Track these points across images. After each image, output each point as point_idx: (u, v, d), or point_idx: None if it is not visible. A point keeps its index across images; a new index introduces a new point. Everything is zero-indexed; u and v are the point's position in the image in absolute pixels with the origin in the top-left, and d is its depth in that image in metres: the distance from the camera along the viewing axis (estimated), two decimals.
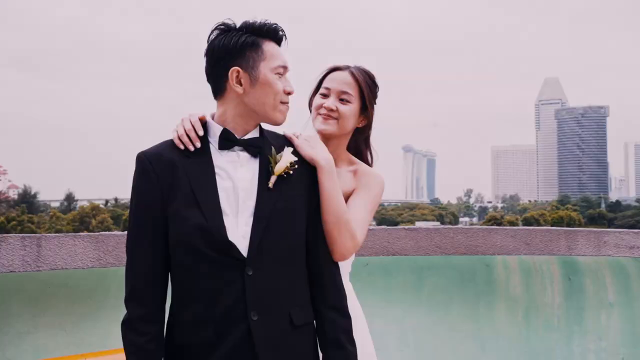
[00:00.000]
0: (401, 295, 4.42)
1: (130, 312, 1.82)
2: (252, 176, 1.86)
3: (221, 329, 1.76)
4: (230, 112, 1.89)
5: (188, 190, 1.79)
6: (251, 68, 1.85)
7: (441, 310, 4.42)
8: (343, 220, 1.94)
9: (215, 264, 1.76)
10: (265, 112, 1.90)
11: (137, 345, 1.80)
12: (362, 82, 2.29)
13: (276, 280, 1.81)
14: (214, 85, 1.92)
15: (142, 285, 1.82)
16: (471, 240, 4.11)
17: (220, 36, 1.87)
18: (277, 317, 1.80)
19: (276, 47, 1.91)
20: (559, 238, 4.05)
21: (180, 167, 1.82)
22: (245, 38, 1.86)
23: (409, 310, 4.43)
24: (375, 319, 4.50)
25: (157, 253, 1.82)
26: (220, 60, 1.86)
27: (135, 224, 1.84)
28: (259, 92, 1.87)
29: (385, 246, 4.17)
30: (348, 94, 2.27)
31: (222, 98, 1.90)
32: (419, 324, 4.42)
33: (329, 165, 1.95)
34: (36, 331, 3.26)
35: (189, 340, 1.79)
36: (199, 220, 1.76)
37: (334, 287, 1.93)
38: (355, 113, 2.30)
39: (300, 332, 1.85)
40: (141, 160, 1.84)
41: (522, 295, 4.35)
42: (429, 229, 4.20)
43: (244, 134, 1.90)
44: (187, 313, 1.80)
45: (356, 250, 2.02)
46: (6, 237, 2.92)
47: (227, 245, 1.76)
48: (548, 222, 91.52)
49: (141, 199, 1.83)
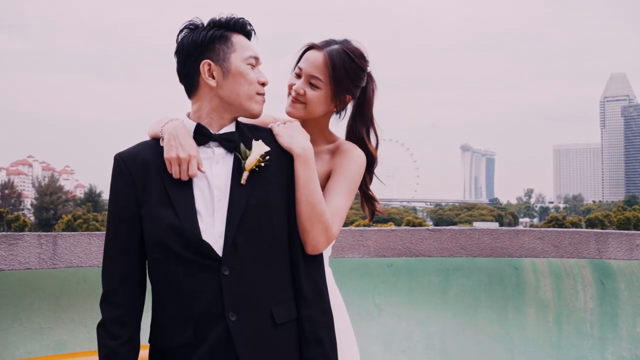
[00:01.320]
0: (426, 297, 4.33)
1: (103, 314, 1.81)
2: (227, 174, 1.82)
3: (200, 330, 1.73)
4: (205, 107, 1.86)
5: (162, 190, 1.78)
6: (222, 60, 1.84)
7: (468, 314, 4.30)
8: (317, 211, 1.86)
9: (190, 265, 1.74)
10: (240, 104, 1.86)
11: (110, 348, 1.76)
12: (338, 66, 2.07)
13: (255, 279, 1.76)
14: (186, 83, 1.89)
15: (115, 286, 1.80)
16: (497, 242, 3.99)
17: (189, 34, 1.87)
18: (257, 316, 1.76)
19: (245, 40, 1.90)
20: (589, 240, 3.87)
21: (156, 167, 1.81)
22: (213, 32, 1.85)
23: (434, 313, 4.33)
24: (400, 321, 4.44)
25: (132, 254, 1.81)
26: (191, 56, 1.84)
27: (110, 224, 1.83)
28: (232, 83, 1.84)
29: (409, 247, 4.09)
30: (317, 79, 2.08)
31: (196, 94, 1.88)
32: (445, 327, 4.31)
33: (305, 155, 1.88)
34: (57, 326, 3.35)
35: (170, 342, 1.77)
36: (173, 221, 1.74)
37: (312, 283, 1.86)
38: (324, 99, 2.10)
39: (282, 330, 1.80)
40: (117, 161, 1.84)
41: (553, 300, 4.18)
42: (453, 230, 4.09)
43: (219, 129, 1.86)
44: (165, 315, 1.78)
45: (330, 243, 1.93)
46: (23, 235, 3.02)
47: (202, 245, 1.73)
48: (614, 223, 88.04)
49: (116, 199, 1.83)
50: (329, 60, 2.06)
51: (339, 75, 2.07)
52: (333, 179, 2.05)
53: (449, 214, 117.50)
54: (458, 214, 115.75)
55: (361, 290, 4.31)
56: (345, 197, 2.02)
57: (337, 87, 2.09)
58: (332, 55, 2.07)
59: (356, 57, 2.11)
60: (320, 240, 1.87)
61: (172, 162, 1.79)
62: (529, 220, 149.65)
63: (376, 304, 4.36)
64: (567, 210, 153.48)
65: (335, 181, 2.04)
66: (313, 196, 1.86)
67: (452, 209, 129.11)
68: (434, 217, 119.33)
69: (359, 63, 2.12)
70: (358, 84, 2.15)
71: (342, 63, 2.07)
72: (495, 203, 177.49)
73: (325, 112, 2.14)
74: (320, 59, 2.07)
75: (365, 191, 2.26)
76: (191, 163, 1.79)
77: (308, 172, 1.88)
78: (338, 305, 2.22)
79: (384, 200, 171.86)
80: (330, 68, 2.06)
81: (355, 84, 2.13)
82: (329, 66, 2.06)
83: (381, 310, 4.36)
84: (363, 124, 2.21)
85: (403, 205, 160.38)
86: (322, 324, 1.84)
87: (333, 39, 2.14)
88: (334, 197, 1.99)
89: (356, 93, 2.16)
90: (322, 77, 2.07)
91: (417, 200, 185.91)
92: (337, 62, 2.06)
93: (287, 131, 1.95)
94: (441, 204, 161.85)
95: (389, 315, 4.38)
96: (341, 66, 2.07)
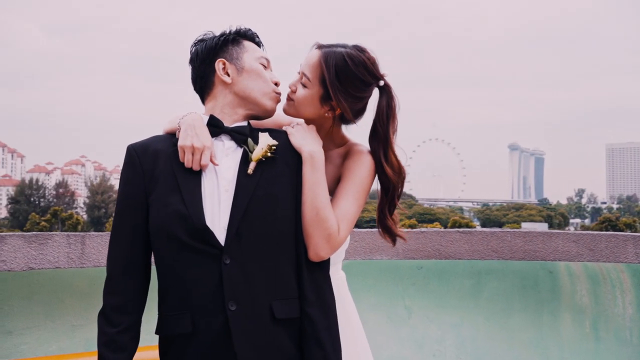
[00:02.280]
0: (458, 300, 4.25)
1: (104, 301, 1.83)
2: (235, 166, 1.84)
3: (199, 319, 1.73)
4: (219, 103, 1.92)
5: (171, 177, 1.80)
6: (236, 59, 1.93)
7: (501, 318, 4.20)
8: (320, 216, 1.82)
9: (193, 252, 1.74)
10: (255, 99, 1.92)
11: (108, 335, 1.78)
12: (329, 69, 1.94)
13: (256, 270, 1.76)
14: (201, 86, 1.96)
15: (118, 273, 1.82)
16: (530, 244, 3.87)
17: (202, 43, 1.96)
18: (257, 309, 1.74)
19: (255, 46, 2.00)
20: (626, 244, 3.72)
21: (166, 156, 1.84)
22: (226, 37, 1.95)
23: (466, 317, 4.25)
24: (430, 324, 4.37)
25: (136, 243, 1.83)
26: (205, 59, 1.93)
27: (117, 212, 1.86)
28: (246, 79, 1.92)
29: (438, 249, 4.02)
30: (306, 78, 1.99)
31: (210, 94, 1.94)
32: (478, 331, 4.22)
33: (313, 159, 1.87)
34: (87, 324, 3.42)
35: (171, 331, 1.78)
36: (179, 207, 1.75)
37: (314, 284, 1.84)
38: (311, 100, 1.99)
39: (282, 327, 1.77)
40: (128, 151, 1.88)
41: (590, 305, 4.03)
42: (484, 232, 4.00)
43: (231, 124, 1.90)
44: (167, 304, 1.79)
45: (335, 250, 1.88)
46: (52, 235, 3.10)
47: (205, 232, 1.74)
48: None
49: (124, 187, 1.86)
50: (322, 61, 1.96)
51: (329, 78, 1.95)
52: (341, 183, 2.00)
53: (496, 214, 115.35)
54: (506, 214, 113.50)
55: (391, 293, 4.26)
56: (353, 201, 1.95)
57: (325, 90, 1.97)
58: (326, 57, 1.97)
59: (354, 65, 1.96)
60: (322, 247, 1.83)
61: (186, 150, 1.81)
62: (580, 221, 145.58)
63: (406, 306, 4.30)
64: (621, 211, 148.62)
65: (343, 185, 1.99)
66: (318, 200, 1.84)
67: (500, 209, 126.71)
68: (481, 218, 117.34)
69: (355, 71, 1.96)
70: (353, 93, 1.98)
71: (335, 67, 1.95)
72: (545, 203, 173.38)
73: (316, 114, 2.02)
74: (314, 58, 1.99)
75: (383, 221, 2.09)
76: (204, 153, 1.80)
77: (315, 175, 1.86)
78: (349, 312, 2.19)
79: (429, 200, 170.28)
80: (320, 69, 1.96)
81: (349, 92, 1.97)
82: (319, 67, 1.97)
83: (412, 313, 4.30)
84: (379, 143, 2.03)
85: (449, 205, 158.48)
86: (324, 327, 1.81)
87: (345, 43, 2.02)
88: (342, 202, 1.94)
89: (351, 103, 1.99)
90: (311, 77, 1.98)
91: (464, 200, 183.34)
92: (329, 65, 1.95)
93: (300, 132, 1.95)
94: (488, 204, 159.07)
95: (420, 318, 4.32)
96: (332, 69, 1.94)
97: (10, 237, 3.04)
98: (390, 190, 2.04)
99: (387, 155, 2.01)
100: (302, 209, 1.85)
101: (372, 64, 2.01)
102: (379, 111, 2.03)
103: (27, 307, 3.35)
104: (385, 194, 2.05)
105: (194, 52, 1.96)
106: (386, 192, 2.05)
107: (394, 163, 2.02)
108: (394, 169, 2.02)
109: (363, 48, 2.01)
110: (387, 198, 2.05)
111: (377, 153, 2.03)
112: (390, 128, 2.02)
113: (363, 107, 2.06)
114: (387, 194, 2.05)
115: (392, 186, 2.03)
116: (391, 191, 2.04)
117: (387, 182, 2.03)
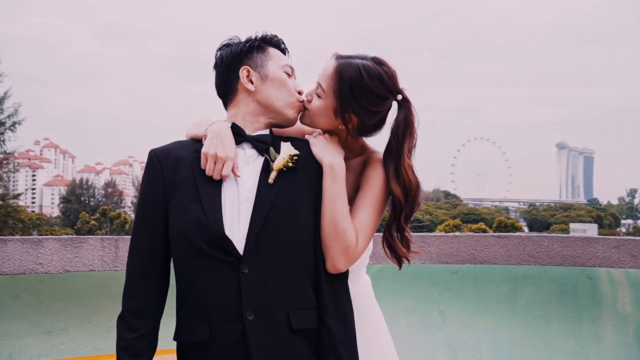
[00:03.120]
0: (494, 306, 4.16)
1: (123, 305, 1.84)
2: (256, 175, 1.83)
3: (216, 328, 1.73)
4: (241, 111, 1.91)
5: (192, 185, 1.79)
6: (260, 67, 1.92)
7: (539, 324, 4.09)
8: (338, 229, 1.80)
9: (211, 261, 1.74)
10: (277, 108, 1.91)
11: (127, 340, 1.78)
12: (343, 80, 1.88)
13: (274, 280, 1.74)
14: (224, 92, 1.96)
15: (136, 278, 1.82)
16: (568, 250, 3.76)
17: (227, 48, 1.96)
18: (274, 319, 1.73)
19: (280, 53, 1.98)
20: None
21: (188, 162, 1.84)
22: (251, 43, 1.94)
23: (503, 323, 4.16)
24: (466, 330, 4.29)
25: (156, 248, 1.83)
26: (229, 65, 1.93)
27: (137, 217, 1.87)
28: (269, 88, 1.91)
29: (473, 254, 3.95)
30: (321, 89, 1.93)
31: (233, 101, 1.94)
32: (514, 337, 4.13)
33: (333, 170, 1.85)
34: None
35: (188, 339, 1.77)
36: (198, 215, 1.75)
37: (333, 295, 1.82)
38: (325, 112, 1.93)
39: (299, 337, 1.76)
40: (150, 156, 1.88)
41: (633, 313, 3.89)
42: (521, 237, 3.90)
43: (253, 133, 1.90)
44: (185, 311, 1.79)
45: (352, 263, 1.85)
46: (87, 238, 3.17)
47: (224, 241, 1.73)
48: None
49: (145, 193, 1.86)
50: (336, 72, 1.90)
51: (342, 90, 1.88)
52: (360, 192, 1.96)
53: (543, 214, 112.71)
54: (553, 215, 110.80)
55: (425, 297, 4.21)
56: (371, 212, 1.91)
57: (339, 102, 1.90)
58: (342, 69, 1.90)
59: (370, 78, 1.88)
60: (340, 259, 1.81)
61: (209, 159, 1.80)
62: (632, 222, 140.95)
63: (441, 311, 4.24)
64: None
65: (362, 195, 1.94)
66: (337, 212, 1.82)
67: (547, 209, 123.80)
68: (527, 218, 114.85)
69: (370, 84, 1.88)
70: (368, 107, 1.90)
71: (350, 79, 1.88)
72: (594, 203, 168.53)
73: (330, 126, 1.97)
74: (330, 69, 1.93)
75: (388, 239, 1.98)
76: (227, 164, 1.80)
77: (335, 187, 1.84)
78: (375, 317, 2.16)
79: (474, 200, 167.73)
80: (334, 80, 1.90)
81: (364, 106, 1.90)
82: (333, 78, 1.91)
83: (446, 318, 4.23)
84: (391, 158, 1.94)
85: (495, 205, 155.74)
86: (342, 340, 1.79)
87: (365, 54, 1.95)
88: (360, 212, 1.91)
89: (365, 117, 1.92)
90: (326, 88, 1.92)
91: (510, 200, 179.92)
92: (344, 76, 1.88)
93: (322, 143, 1.93)
94: (535, 204, 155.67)
95: (455, 323, 4.25)
96: (347, 81, 1.88)
97: (47, 240, 3.12)
98: (397, 209, 1.94)
99: (399, 172, 1.92)
100: (320, 220, 1.83)
101: (390, 77, 1.93)
102: (395, 126, 1.95)
103: (65, 309, 3.44)
104: (393, 211, 1.95)
105: (219, 57, 1.95)
106: (394, 209, 1.95)
107: (406, 180, 1.92)
108: (406, 186, 1.92)
109: (382, 61, 1.94)
110: (395, 216, 1.95)
111: (387, 168, 1.95)
112: (405, 144, 1.93)
113: (379, 121, 1.98)
114: (394, 211, 1.95)
115: (400, 205, 1.93)
116: (397, 210, 1.93)
117: (395, 200, 1.93)
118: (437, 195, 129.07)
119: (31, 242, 3.09)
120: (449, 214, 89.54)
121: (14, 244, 3.08)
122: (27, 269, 3.09)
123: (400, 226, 1.96)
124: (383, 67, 1.92)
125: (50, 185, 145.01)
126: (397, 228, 1.97)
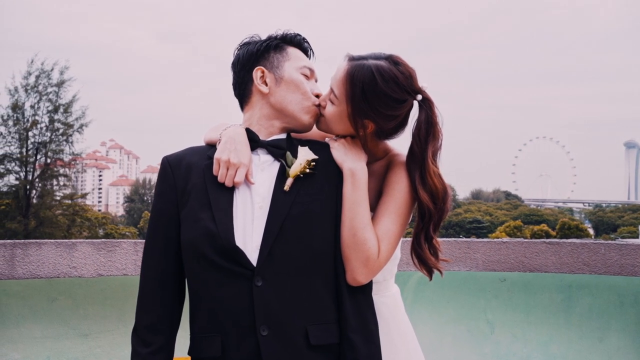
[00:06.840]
0: (547, 316, 3.92)
1: (137, 319, 1.77)
2: (270, 181, 1.73)
3: (228, 343, 1.64)
4: (256, 115, 1.82)
5: (203, 192, 1.71)
6: (275, 68, 1.81)
7: (596, 337, 3.83)
8: (358, 238, 1.68)
9: (222, 272, 1.65)
10: (291, 112, 1.80)
11: (141, 355, 1.72)
12: (355, 85, 1.74)
13: (290, 293, 1.64)
14: (240, 92, 1.87)
15: (149, 291, 1.76)
16: (627, 258, 3.49)
17: (245, 47, 1.87)
18: (291, 334, 1.62)
19: (301, 53, 1.87)
20: None
21: (200, 169, 1.76)
22: (269, 42, 1.84)
23: (556, 334, 3.91)
24: (515, 341, 4.06)
25: (169, 258, 1.75)
26: (245, 65, 1.84)
27: (150, 227, 1.80)
28: (284, 91, 1.80)
29: (522, 261, 3.73)
30: (333, 95, 1.80)
31: (248, 103, 1.85)
32: (569, 350, 3.88)
33: (354, 176, 1.73)
34: None
35: (202, 354, 1.69)
36: (208, 224, 1.66)
37: (356, 308, 1.70)
38: (339, 118, 1.80)
39: (317, 354, 1.65)
40: (163, 163, 1.82)
41: None
42: (574, 243, 3.65)
43: (267, 137, 1.80)
44: (197, 324, 1.71)
45: (374, 275, 1.72)
46: (120, 242, 3.15)
47: (235, 252, 1.64)
48: None
49: (157, 202, 1.79)
50: (347, 76, 1.76)
51: (355, 95, 1.74)
52: (382, 198, 1.82)
53: (610, 216, 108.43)
54: (621, 216, 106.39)
55: (471, 306, 4.01)
56: (395, 219, 1.77)
57: (353, 108, 1.76)
58: (353, 72, 1.75)
59: (384, 81, 1.73)
60: (360, 271, 1.69)
61: (221, 164, 1.72)
62: None
63: (489, 320, 4.03)
64: None
65: (385, 201, 1.81)
66: (357, 220, 1.70)
67: (614, 210, 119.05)
68: (592, 219, 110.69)
69: (384, 88, 1.73)
70: (384, 112, 1.76)
71: (362, 83, 1.73)
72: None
73: (347, 132, 1.83)
74: (341, 73, 1.79)
75: (416, 249, 1.84)
76: (240, 170, 1.71)
77: (355, 194, 1.72)
78: (404, 330, 2.02)
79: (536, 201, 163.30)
80: (346, 85, 1.76)
81: (379, 111, 1.76)
82: (345, 83, 1.76)
83: (494, 328, 4.02)
84: (415, 164, 1.80)
85: (558, 206, 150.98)
86: (365, 355, 1.67)
87: (379, 53, 1.80)
88: (382, 220, 1.77)
89: (382, 122, 1.79)
90: (338, 94, 1.78)
91: (574, 200, 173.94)
92: (356, 81, 1.74)
93: (343, 147, 1.81)
94: (601, 205, 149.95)
95: (504, 333, 4.03)
96: (359, 86, 1.73)
97: (81, 244, 3.12)
98: (426, 217, 1.79)
99: (424, 178, 1.77)
100: (341, 230, 1.72)
101: (407, 77, 1.77)
102: (417, 128, 1.80)
103: (101, 312, 3.44)
104: (421, 219, 1.80)
105: (236, 56, 1.87)
106: (422, 217, 1.80)
107: (433, 187, 1.78)
108: (433, 193, 1.78)
109: (397, 59, 1.78)
110: (423, 225, 1.81)
111: (412, 175, 1.80)
112: (428, 147, 1.78)
113: (399, 125, 1.84)
114: (422, 219, 1.80)
115: (429, 213, 1.79)
116: (426, 218, 1.79)
117: (423, 208, 1.79)
118: (498, 195, 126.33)
119: (65, 245, 3.09)
120: (509, 215, 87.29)
121: (48, 247, 3.09)
122: (62, 273, 3.10)
123: (428, 235, 1.82)
124: (399, 67, 1.77)
125: (116, 185, 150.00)
126: (425, 237, 1.83)
